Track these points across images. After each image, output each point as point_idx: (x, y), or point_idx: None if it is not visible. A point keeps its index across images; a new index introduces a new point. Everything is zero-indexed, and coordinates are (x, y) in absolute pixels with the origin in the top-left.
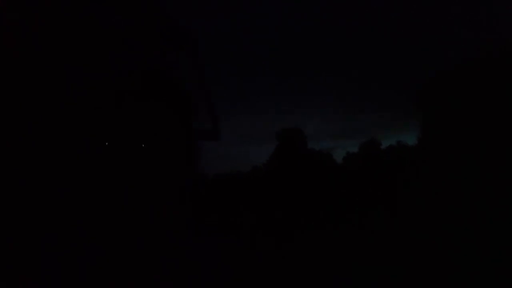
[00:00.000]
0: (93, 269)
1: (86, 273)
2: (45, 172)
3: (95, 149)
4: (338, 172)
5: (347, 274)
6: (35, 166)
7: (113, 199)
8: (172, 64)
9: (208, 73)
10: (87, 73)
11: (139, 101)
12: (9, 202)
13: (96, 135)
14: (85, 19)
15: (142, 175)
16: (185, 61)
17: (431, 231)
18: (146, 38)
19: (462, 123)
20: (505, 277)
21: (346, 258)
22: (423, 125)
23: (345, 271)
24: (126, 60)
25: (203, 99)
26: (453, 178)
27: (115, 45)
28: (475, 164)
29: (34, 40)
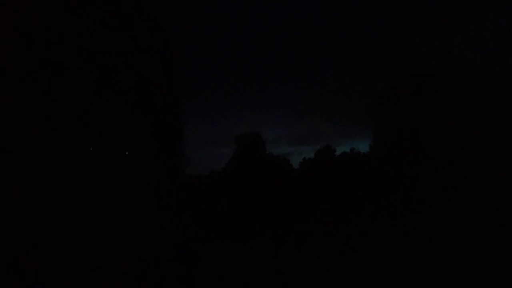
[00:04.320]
0: (83, 271)
1: (75, 274)
2: (31, 177)
3: (71, 156)
4: (295, 176)
5: (305, 277)
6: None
7: (92, 206)
8: (142, 68)
9: (175, 78)
10: (61, 74)
11: (112, 106)
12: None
13: (71, 140)
14: (58, 18)
15: (114, 178)
16: (155, 65)
17: (381, 235)
18: (119, 41)
19: (413, 132)
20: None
21: (305, 261)
22: (375, 133)
23: (304, 275)
24: (99, 61)
25: (170, 103)
26: (404, 183)
27: (89, 45)
28: (427, 170)
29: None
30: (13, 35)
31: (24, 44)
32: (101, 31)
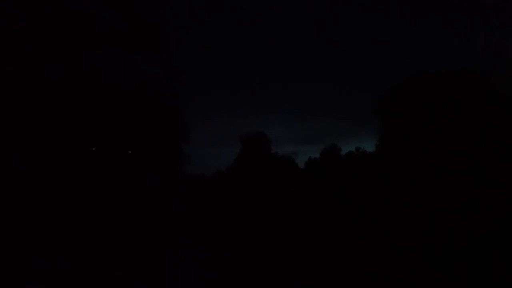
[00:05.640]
0: (85, 269)
1: (78, 274)
2: (33, 175)
3: (79, 155)
4: (300, 176)
5: (310, 276)
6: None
7: (96, 206)
8: (145, 67)
9: (178, 77)
10: (67, 75)
11: (114, 105)
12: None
13: (76, 141)
14: (62, 18)
15: (119, 178)
16: (158, 65)
17: (388, 233)
18: (122, 40)
19: (417, 130)
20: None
21: (310, 260)
22: (381, 132)
23: (309, 274)
24: (101, 60)
25: (174, 103)
26: (409, 181)
27: (94, 46)
28: (432, 167)
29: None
30: (14, 35)
31: (25, 44)
32: (103, 30)
